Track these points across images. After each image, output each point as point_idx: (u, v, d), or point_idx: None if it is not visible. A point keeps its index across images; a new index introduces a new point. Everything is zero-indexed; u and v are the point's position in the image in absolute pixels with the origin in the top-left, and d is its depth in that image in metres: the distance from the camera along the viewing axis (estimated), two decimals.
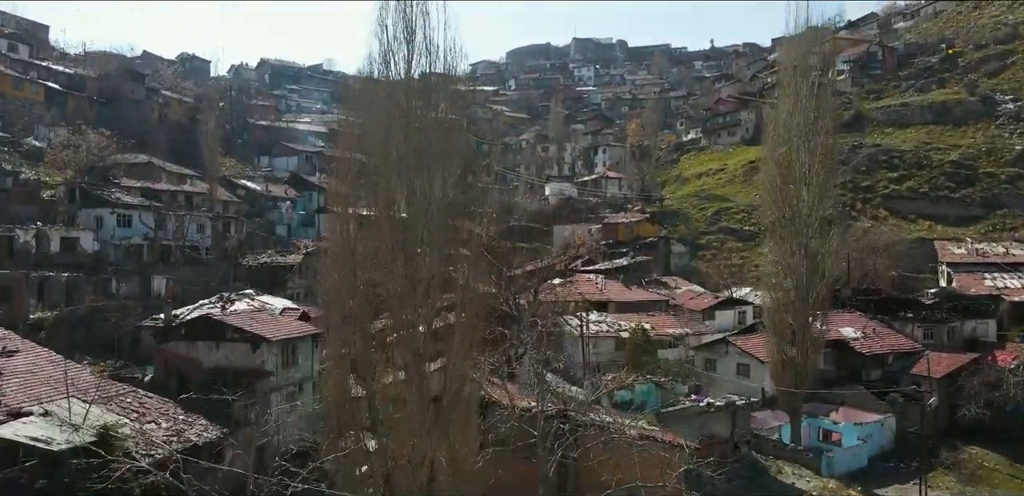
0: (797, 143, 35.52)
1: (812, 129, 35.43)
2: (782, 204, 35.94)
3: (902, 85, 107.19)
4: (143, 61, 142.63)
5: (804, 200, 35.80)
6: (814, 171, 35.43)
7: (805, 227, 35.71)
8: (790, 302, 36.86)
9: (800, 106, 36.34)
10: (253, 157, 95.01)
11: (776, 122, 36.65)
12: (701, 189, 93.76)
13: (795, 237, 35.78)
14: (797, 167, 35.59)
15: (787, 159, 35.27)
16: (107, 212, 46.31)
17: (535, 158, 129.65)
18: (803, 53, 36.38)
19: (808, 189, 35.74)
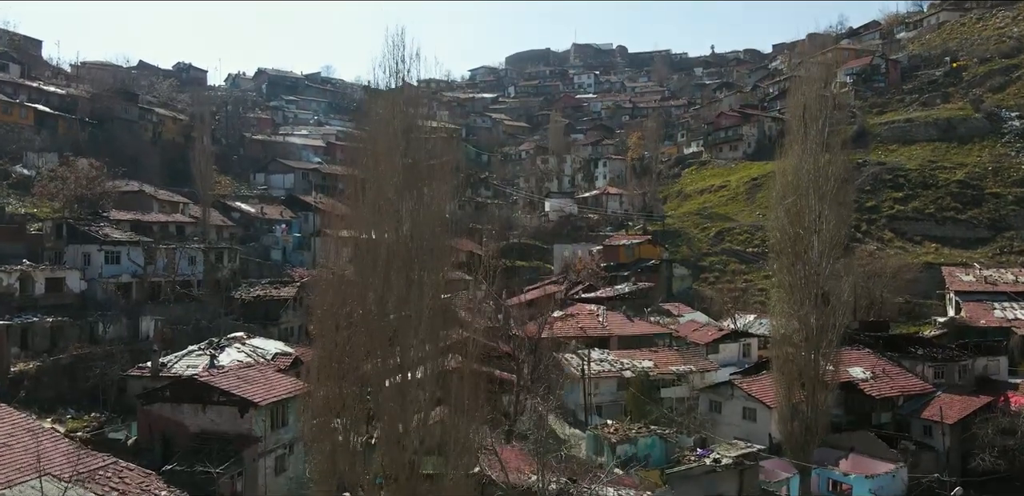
0: (807, 188, 34.26)
1: (823, 175, 34.17)
2: (791, 253, 34.64)
3: (906, 99, 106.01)
4: (139, 72, 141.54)
5: (814, 248, 34.53)
6: (825, 218, 34.14)
7: (816, 275, 34.42)
8: (799, 350, 35.55)
9: (809, 149, 35.15)
10: (249, 174, 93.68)
11: (784, 170, 35.37)
12: (703, 207, 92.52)
13: (805, 286, 34.47)
14: (807, 214, 34.32)
15: (796, 207, 33.98)
16: (95, 249, 45.01)
17: (535, 170, 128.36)
18: (813, 96, 35.07)
19: (819, 237, 34.45)
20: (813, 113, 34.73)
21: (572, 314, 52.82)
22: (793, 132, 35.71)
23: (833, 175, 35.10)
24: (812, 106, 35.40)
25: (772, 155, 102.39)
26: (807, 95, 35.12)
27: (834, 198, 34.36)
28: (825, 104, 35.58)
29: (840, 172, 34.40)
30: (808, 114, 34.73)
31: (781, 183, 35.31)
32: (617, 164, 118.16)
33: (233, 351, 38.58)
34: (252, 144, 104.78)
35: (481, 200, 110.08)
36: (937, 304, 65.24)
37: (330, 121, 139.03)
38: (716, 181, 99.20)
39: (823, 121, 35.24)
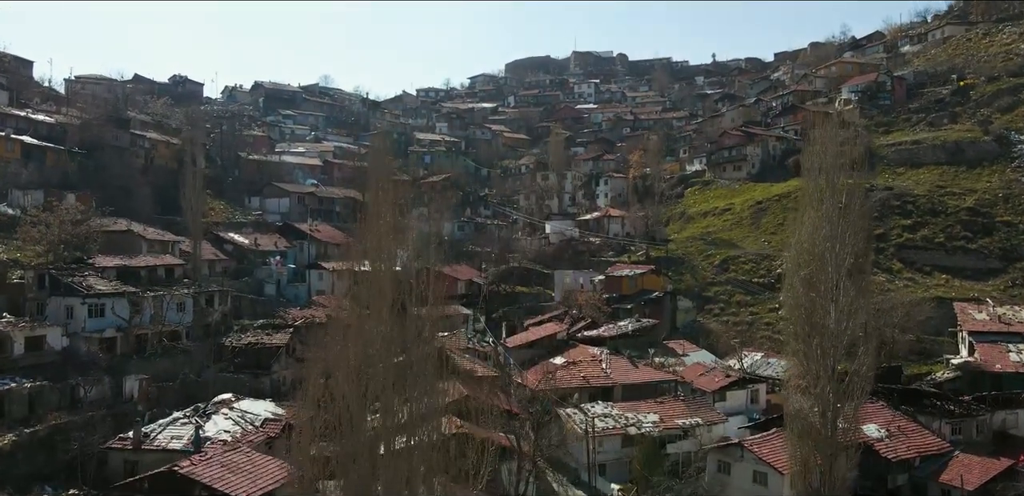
0: (823, 255, 32.51)
1: (840, 242, 32.42)
2: (806, 324, 32.89)
3: (912, 118, 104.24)
4: (134, 86, 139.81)
5: (831, 316, 32.78)
6: (842, 288, 32.39)
7: (832, 347, 32.67)
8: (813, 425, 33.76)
9: (825, 214, 33.42)
10: (244, 198, 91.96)
11: (799, 239, 33.59)
12: (707, 231, 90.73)
13: (822, 358, 32.73)
14: (823, 283, 32.57)
15: (812, 277, 32.22)
16: (78, 302, 43.22)
17: (535, 187, 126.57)
18: (831, 161, 33.32)
19: (836, 306, 32.69)
20: (829, 176, 32.94)
21: (574, 362, 51.06)
22: (806, 194, 33.95)
23: (851, 243, 33.44)
24: (828, 168, 33.65)
25: (776, 176, 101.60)
26: (823, 158, 33.28)
27: (853, 266, 32.61)
28: (842, 166, 33.73)
29: (859, 240, 32.58)
30: (825, 178, 32.96)
31: (796, 251, 33.51)
32: (618, 182, 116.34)
33: (220, 418, 36.84)
34: (248, 164, 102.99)
35: (480, 221, 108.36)
36: (949, 341, 63.50)
37: (328, 137, 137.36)
38: (720, 203, 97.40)
39: (839, 182, 33.48)
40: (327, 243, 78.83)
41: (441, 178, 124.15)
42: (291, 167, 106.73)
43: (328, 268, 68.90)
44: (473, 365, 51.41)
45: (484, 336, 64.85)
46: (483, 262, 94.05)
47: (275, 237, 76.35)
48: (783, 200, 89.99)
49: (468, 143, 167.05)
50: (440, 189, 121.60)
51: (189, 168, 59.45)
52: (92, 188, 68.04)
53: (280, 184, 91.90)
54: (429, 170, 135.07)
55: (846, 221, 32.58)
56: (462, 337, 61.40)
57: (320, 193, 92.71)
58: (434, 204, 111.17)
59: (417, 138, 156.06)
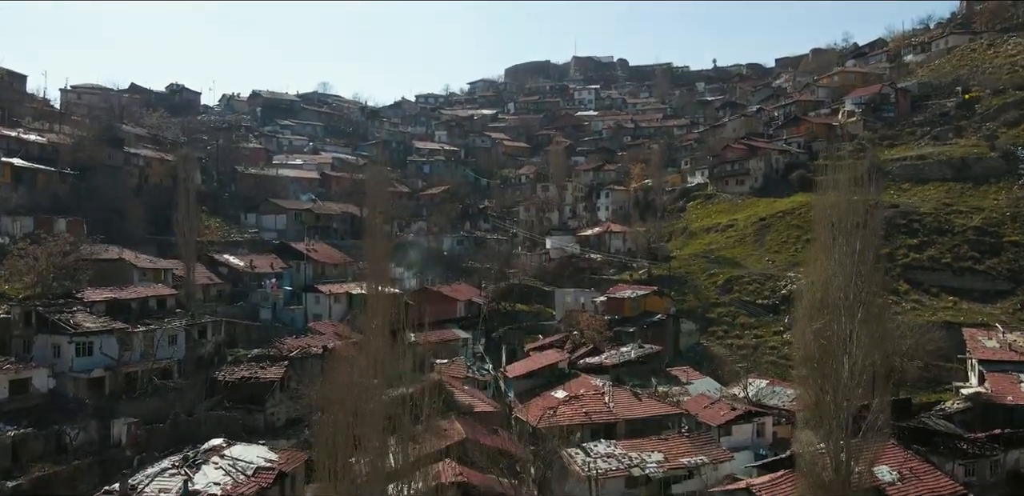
0: (836, 305, 31.23)
1: (854, 292, 31.13)
2: (818, 375, 31.61)
3: (917, 131, 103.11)
4: (130, 96, 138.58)
5: (844, 368, 31.49)
6: (857, 342, 31.09)
7: (846, 401, 31.39)
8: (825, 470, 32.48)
9: (837, 260, 32.14)
10: (240, 214, 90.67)
11: (811, 289, 32.30)
12: (710, 248, 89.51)
13: (835, 411, 31.42)
14: (836, 335, 31.27)
15: (825, 330, 30.93)
16: (65, 341, 41.94)
17: (535, 199, 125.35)
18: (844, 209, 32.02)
19: (849, 359, 31.38)
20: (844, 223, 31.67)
21: (576, 396, 49.77)
22: (818, 241, 32.68)
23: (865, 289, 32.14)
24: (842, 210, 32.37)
25: (780, 191, 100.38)
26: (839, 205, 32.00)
27: (867, 316, 31.32)
28: (856, 210, 32.44)
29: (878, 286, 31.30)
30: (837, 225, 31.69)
31: (809, 299, 32.21)
32: (620, 195, 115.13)
33: (210, 468, 35.56)
34: (245, 179, 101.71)
35: (480, 235, 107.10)
36: (958, 368, 62.31)
37: (326, 147, 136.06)
38: (723, 219, 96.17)
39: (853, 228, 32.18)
40: (324, 263, 77.59)
41: (440, 190, 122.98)
42: (288, 181, 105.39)
43: (325, 292, 67.62)
44: (472, 399, 50.18)
45: (483, 363, 63.59)
46: (482, 279, 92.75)
47: (271, 258, 74.98)
48: (787, 217, 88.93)
49: (468, 151, 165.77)
50: (439, 202, 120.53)
51: (183, 194, 58.13)
52: (84, 211, 66.77)
53: (277, 200, 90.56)
54: (428, 181, 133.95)
55: (860, 269, 31.26)
56: (461, 365, 60.21)
57: (317, 210, 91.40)
58: (433, 218, 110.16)
59: (416, 147, 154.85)
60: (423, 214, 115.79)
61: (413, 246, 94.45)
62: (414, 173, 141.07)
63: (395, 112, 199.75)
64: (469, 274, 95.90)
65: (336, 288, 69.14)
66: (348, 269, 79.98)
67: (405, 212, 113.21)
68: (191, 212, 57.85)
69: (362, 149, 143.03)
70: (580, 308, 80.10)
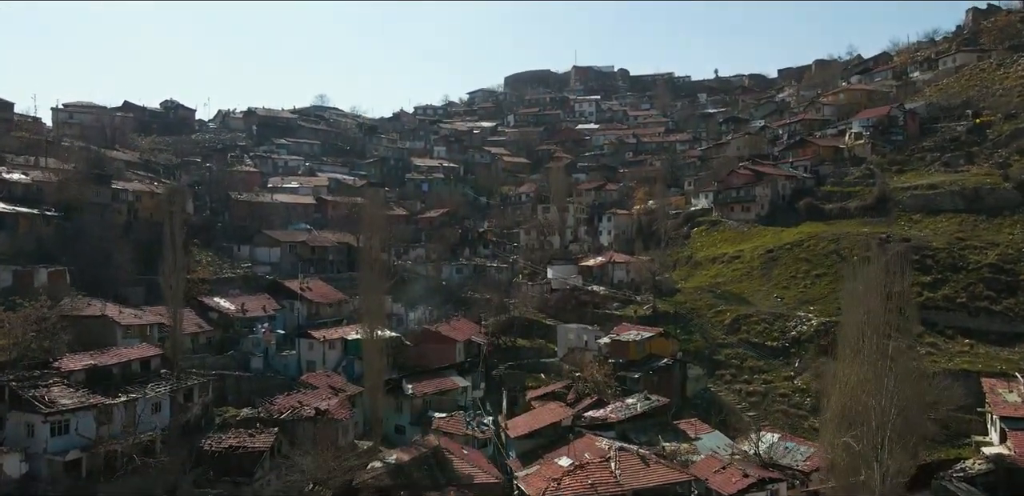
0: (867, 413, 28.89)
1: (885, 398, 28.79)
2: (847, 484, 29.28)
3: (927, 157, 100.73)
4: (123, 115, 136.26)
5: (876, 480, 29.14)
6: (888, 449, 28.77)
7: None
8: None
9: (867, 358, 29.80)
10: (233, 246, 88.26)
11: (839, 385, 29.96)
12: (715, 281, 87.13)
13: None
14: (868, 441, 28.96)
15: (856, 437, 28.62)
16: (39, 420, 39.54)
17: (535, 222, 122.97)
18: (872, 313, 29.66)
19: (879, 466, 29.08)
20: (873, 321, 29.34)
21: (581, 465, 47.32)
22: (843, 342, 30.32)
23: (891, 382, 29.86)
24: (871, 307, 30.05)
25: (786, 219, 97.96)
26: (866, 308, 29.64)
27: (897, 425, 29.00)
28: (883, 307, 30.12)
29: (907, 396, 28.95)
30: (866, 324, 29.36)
31: (836, 404, 29.86)
32: (622, 219, 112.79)
33: None
34: (238, 206, 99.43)
35: (479, 263, 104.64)
36: (977, 420, 59.83)
37: (322, 167, 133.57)
38: (729, 249, 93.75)
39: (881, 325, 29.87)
40: (319, 303, 75.16)
41: (439, 213, 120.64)
42: (283, 207, 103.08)
43: (319, 338, 65.18)
44: (472, 469, 47.77)
45: (483, 415, 61.11)
46: (482, 312, 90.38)
47: (264, 298, 72.57)
48: (795, 249, 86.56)
49: (467, 167, 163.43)
50: (438, 226, 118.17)
51: (169, 242, 55.66)
52: (69, 255, 64.42)
53: (270, 233, 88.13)
54: (427, 201, 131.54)
55: (891, 376, 28.92)
56: (460, 421, 57.82)
57: (312, 242, 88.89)
58: (432, 245, 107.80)
59: (415, 164, 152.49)
60: (422, 239, 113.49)
61: (411, 280, 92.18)
62: (412, 192, 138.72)
63: (393, 125, 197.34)
64: (468, 306, 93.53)
65: (331, 333, 66.71)
66: (344, 307, 77.61)
67: (403, 237, 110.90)
68: (177, 261, 55.35)
69: (359, 168, 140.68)
70: (583, 346, 77.86)
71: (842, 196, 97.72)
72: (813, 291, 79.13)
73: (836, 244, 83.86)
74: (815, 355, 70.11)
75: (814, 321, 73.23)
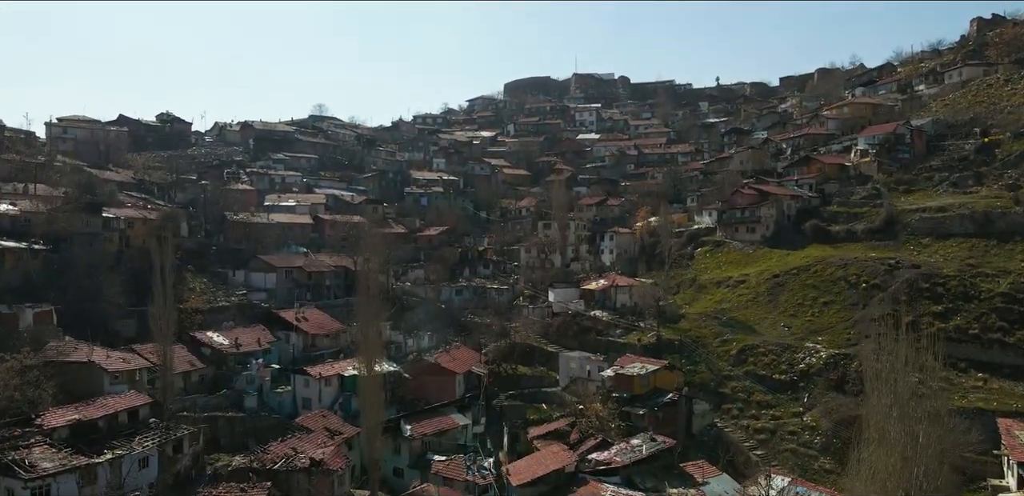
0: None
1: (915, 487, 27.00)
2: None
3: (935, 177, 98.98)
4: (118, 129, 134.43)
5: None
6: None
7: None
8: None
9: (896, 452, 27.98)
10: (228, 272, 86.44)
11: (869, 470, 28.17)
12: (721, 307, 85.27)
13: None
14: None
15: None
16: (19, 485, 37.74)
17: (536, 241, 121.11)
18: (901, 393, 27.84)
19: None
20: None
21: None
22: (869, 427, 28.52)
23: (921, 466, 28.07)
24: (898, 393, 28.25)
25: (792, 241, 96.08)
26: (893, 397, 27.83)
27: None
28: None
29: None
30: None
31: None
32: (624, 239, 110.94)
33: None
34: (234, 227, 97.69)
35: (479, 284, 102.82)
36: (993, 462, 58.05)
37: (320, 183, 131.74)
38: (734, 272, 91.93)
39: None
40: (315, 334, 73.35)
41: (438, 231, 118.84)
42: (279, 228, 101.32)
43: (314, 375, 63.33)
44: None
45: (483, 460, 59.21)
46: (482, 337, 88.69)
47: (258, 330, 70.75)
48: (801, 275, 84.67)
49: (467, 179, 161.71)
50: (437, 244, 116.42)
51: (158, 279, 53.84)
52: (56, 290, 62.60)
53: (266, 257, 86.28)
54: (426, 217, 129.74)
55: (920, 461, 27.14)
56: (460, 465, 56.00)
57: (308, 267, 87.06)
58: (431, 265, 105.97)
59: (414, 178, 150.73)
60: (421, 258, 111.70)
61: (410, 305, 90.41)
62: (411, 207, 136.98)
63: (392, 135, 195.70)
64: (468, 331, 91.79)
65: (327, 369, 64.87)
66: (341, 337, 75.79)
67: (402, 257, 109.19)
68: (168, 300, 53.52)
69: (358, 183, 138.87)
70: (586, 376, 76.19)
71: (849, 217, 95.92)
72: (821, 320, 77.32)
73: (844, 270, 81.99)
74: (824, 390, 68.61)
75: (823, 353, 71.44)
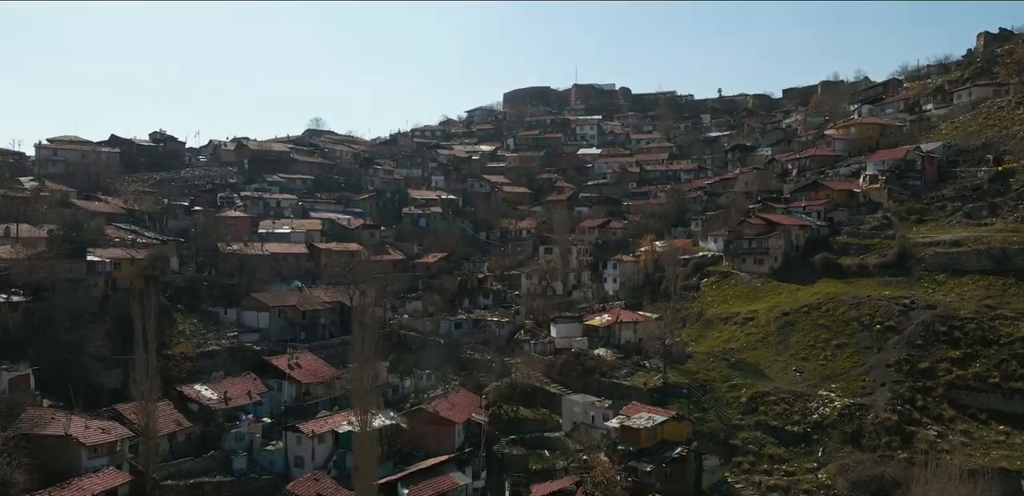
0: None
1: None
2: None
3: (947, 206, 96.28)
4: (109, 151, 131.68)
5: None
6: None
7: None
8: None
9: None
10: (219, 311, 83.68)
11: None
12: (729, 347, 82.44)
13: None
14: None
15: None
16: None
17: (537, 265, 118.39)
18: None
19: None
20: None
21: None
22: None
23: None
24: None
25: (801, 274, 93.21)
26: None
27: None
28: None
29: None
30: None
31: None
32: (628, 267, 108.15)
33: None
34: (227, 259, 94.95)
35: (479, 316, 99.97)
36: None
37: (316, 206, 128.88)
38: (741, 308, 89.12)
39: None
40: (309, 383, 70.54)
41: (436, 259, 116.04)
42: (274, 259, 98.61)
43: (307, 432, 60.42)
44: None
45: None
46: (482, 375, 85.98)
47: (248, 379, 67.90)
48: (812, 313, 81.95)
49: (466, 197, 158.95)
50: (436, 272, 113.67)
51: (139, 340, 51.16)
52: (37, 345, 59.83)
53: (259, 295, 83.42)
54: (424, 242, 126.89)
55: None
56: None
57: (303, 306, 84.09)
58: (429, 296, 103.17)
59: (412, 197, 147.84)
60: (419, 287, 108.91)
61: (408, 343, 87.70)
62: (409, 229, 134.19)
63: (391, 150, 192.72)
64: (468, 369, 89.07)
65: (320, 425, 61.95)
66: (336, 383, 73.00)
67: (399, 287, 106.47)
68: (151, 363, 50.79)
69: (355, 204, 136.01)
70: (590, 422, 73.44)
71: (859, 249, 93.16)
72: (834, 364, 74.59)
73: (857, 310, 79.28)
74: (840, 443, 65.87)
75: (837, 403, 68.73)
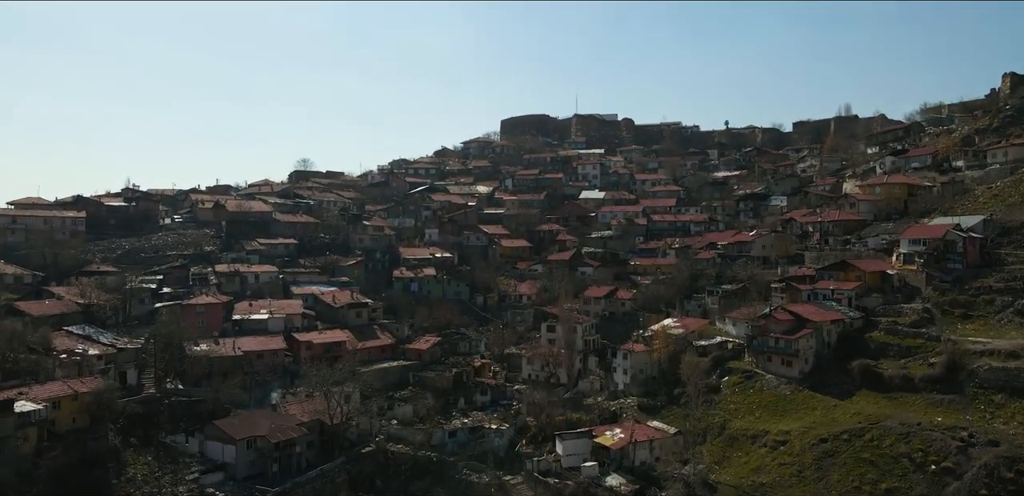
0: None
1: None
2: None
3: (996, 300, 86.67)
4: (75, 216, 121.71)
5: None
6: None
7: None
8: None
9: None
10: (181, 439, 73.83)
11: None
12: (760, 480, 72.54)
13: None
14: None
15: None
16: None
17: (539, 348, 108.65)
18: None
19: None
20: None
21: None
22: None
23: None
24: None
25: (836, 381, 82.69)
26: None
27: None
28: None
29: None
30: None
31: None
32: (639, 357, 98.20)
33: None
34: (194, 364, 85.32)
35: (476, 422, 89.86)
36: None
37: (298, 279, 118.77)
38: (771, 425, 79.20)
39: None
40: None
41: (429, 345, 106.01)
42: (247, 360, 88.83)
43: None
44: None
45: None
46: None
47: None
48: (854, 441, 72.06)
49: (462, 252, 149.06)
50: (428, 362, 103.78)
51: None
52: None
53: (224, 424, 73.26)
54: (414, 315, 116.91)
55: None
56: None
57: (274, 437, 73.64)
58: (421, 400, 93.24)
59: (403, 258, 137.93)
60: (409, 381, 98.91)
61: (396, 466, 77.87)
62: (400, 297, 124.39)
63: (382, 192, 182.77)
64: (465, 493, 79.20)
65: None
66: None
67: (388, 379, 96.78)
68: None
69: (341, 272, 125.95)
70: None
71: (900, 351, 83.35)
72: None
73: (907, 444, 69.37)
74: None
75: None
